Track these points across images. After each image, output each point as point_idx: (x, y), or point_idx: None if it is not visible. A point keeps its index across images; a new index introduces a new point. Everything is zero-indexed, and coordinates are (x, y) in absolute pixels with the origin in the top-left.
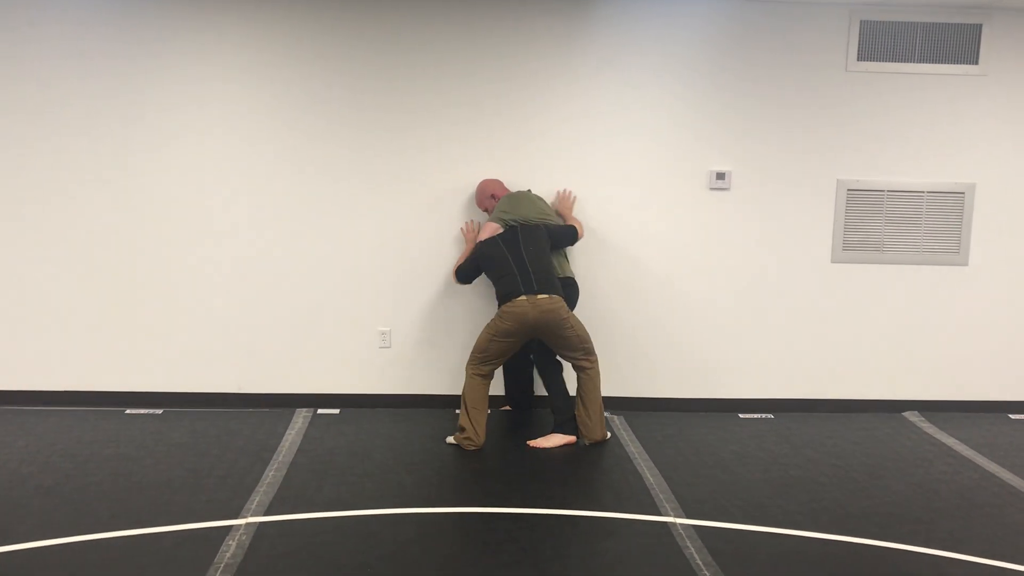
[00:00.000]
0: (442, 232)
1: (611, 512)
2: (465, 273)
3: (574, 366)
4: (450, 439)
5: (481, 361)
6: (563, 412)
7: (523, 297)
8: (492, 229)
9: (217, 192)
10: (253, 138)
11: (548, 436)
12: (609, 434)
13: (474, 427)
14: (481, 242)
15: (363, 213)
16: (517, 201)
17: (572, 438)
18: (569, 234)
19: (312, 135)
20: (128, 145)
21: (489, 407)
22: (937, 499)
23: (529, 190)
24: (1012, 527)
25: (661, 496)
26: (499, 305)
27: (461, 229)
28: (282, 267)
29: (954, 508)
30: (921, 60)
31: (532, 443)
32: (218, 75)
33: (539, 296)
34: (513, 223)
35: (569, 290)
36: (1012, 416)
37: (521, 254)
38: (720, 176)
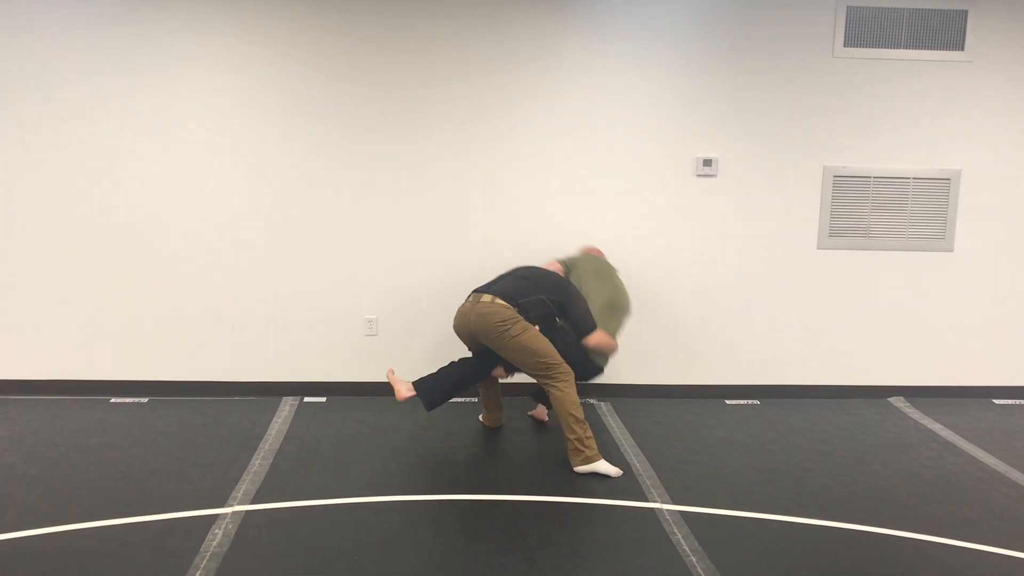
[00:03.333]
0: (428, 220)
1: (599, 499)
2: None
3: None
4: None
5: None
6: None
7: (471, 295)
8: (556, 266)
9: (204, 182)
10: (239, 130)
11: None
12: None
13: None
14: None
15: (349, 201)
16: (589, 259)
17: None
18: (583, 322)
19: (298, 127)
20: (114, 135)
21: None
22: (922, 484)
23: (614, 268)
24: (996, 511)
25: (648, 482)
26: None
27: None
28: (268, 255)
29: (939, 493)
30: (907, 46)
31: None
32: (205, 68)
33: (483, 297)
34: (566, 263)
35: (565, 335)
36: (996, 401)
37: (516, 271)
38: (707, 163)
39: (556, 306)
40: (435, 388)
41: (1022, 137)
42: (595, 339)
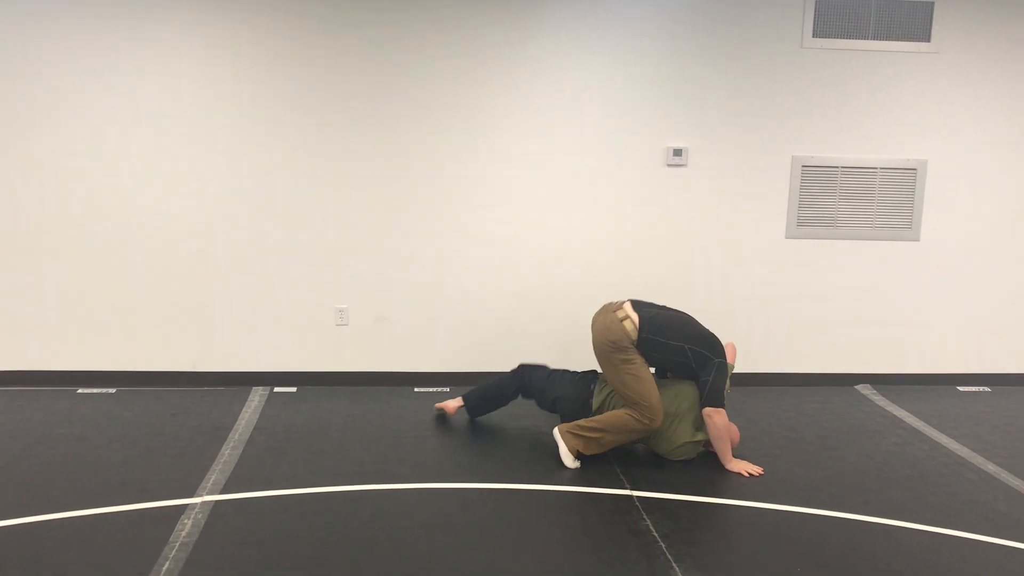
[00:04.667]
0: (399, 208)
1: (573, 486)
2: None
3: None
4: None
5: None
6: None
7: (615, 302)
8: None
9: (172, 171)
10: (208, 122)
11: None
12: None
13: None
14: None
15: (320, 190)
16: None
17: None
18: (715, 392)
19: (269, 119)
20: (82, 128)
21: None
22: (888, 470)
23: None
24: (960, 496)
25: (619, 469)
26: None
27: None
28: (238, 244)
29: (904, 478)
30: (875, 37)
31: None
32: (177, 61)
33: (620, 310)
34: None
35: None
36: (960, 388)
37: (684, 316)
38: (677, 153)
39: (696, 359)
40: (481, 401)
41: (987, 127)
42: (718, 416)
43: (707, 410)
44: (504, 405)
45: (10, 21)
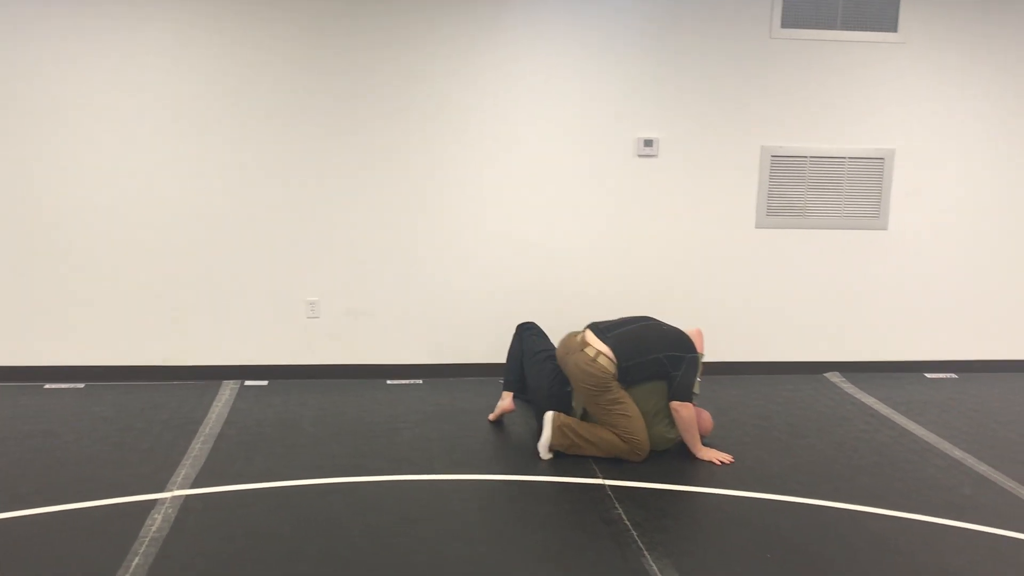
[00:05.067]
0: (370, 200)
1: (545, 476)
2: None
3: None
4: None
5: None
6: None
7: (583, 332)
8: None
9: (142, 162)
10: (179, 114)
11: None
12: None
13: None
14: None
15: (289, 182)
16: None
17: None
18: (684, 387)
19: (238, 107)
20: (50, 120)
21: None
22: (857, 456)
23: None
24: (927, 481)
25: (591, 459)
26: None
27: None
28: (206, 238)
29: (873, 465)
30: (843, 28)
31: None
32: (143, 48)
33: (588, 348)
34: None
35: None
36: (928, 375)
37: (647, 321)
38: (648, 143)
39: (671, 362)
40: (517, 376)
41: (954, 117)
42: (685, 410)
43: (674, 404)
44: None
45: None
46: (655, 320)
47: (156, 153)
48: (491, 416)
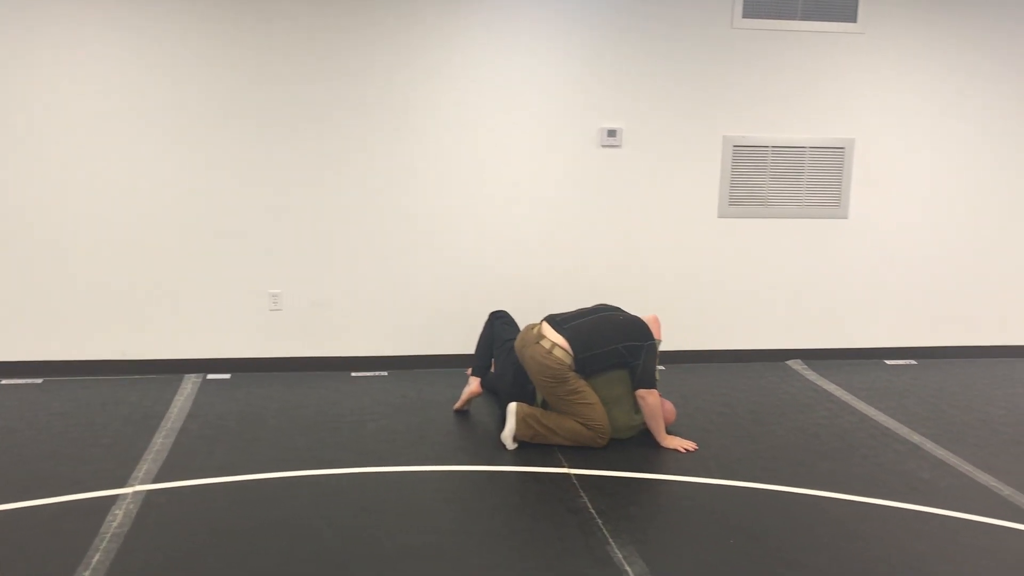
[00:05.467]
0: (330, 190)
1: (511, 466)
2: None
3: None
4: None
5: None
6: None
7: (540, 325)
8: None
9: (99, 156)
10: (133, 98)
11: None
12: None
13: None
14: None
15: (250, 173)
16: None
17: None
18: (647, 374)
19: (195, 95)
20: (5, 114)
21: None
22: (818, 442)
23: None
24: (886, 466)
25: (556, 449)
26: None
27: None
28: (167, 231)
29: (833, 450)
30: (803, 18)
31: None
32: (101, 49)
33: (544, 340)
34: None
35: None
36: (888, 362)
37: (602, 312)
38: (612, 133)
39: (629, 352)
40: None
41: (912, 106)
42: (651, 397)
43: (640, 392)
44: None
45: None
46: (612, 309)
47: (113, 148)
48: (457, 405)
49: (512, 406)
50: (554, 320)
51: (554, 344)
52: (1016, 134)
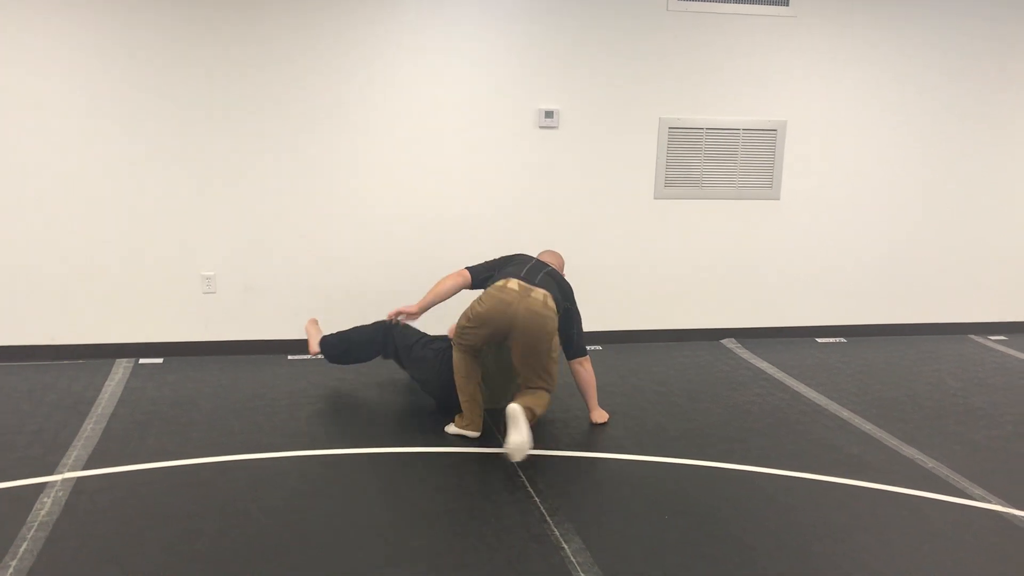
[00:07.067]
0: (267, 171)
1: (449, 447)
2: (476, 269)
3: (525, 386)
4: (450, 428)
5: (459, 337)
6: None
7: (515, 281)
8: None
9: (24, 141)
10: (63, 91)
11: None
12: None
13: (468, 410)
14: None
15: (183, 154)
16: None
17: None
18: (581, 339)
19: (124, 88)
20: None
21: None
22: (750, 419)
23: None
24: (816, 441)
25: (495, 429)
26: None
27: None
28: (97, 209)
29: (766, 427)
30: (737, 1)
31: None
32: (32, 37)
33: (535, 292)
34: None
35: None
36: (819, 340)
37: (540, 265)
38: (548, 115)
39: (568, 317)
40: (337, 345)
41: (843, 89)
42: (588, 363)
43: (579, 360)
44: (364, 362)
45: None
46: (538, 261)
47: (41, 131)
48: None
49: (515, 408)
50: (520, 275)
51: (545, 294)
52: (940, 118)
